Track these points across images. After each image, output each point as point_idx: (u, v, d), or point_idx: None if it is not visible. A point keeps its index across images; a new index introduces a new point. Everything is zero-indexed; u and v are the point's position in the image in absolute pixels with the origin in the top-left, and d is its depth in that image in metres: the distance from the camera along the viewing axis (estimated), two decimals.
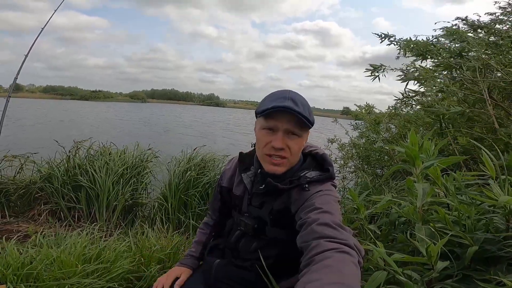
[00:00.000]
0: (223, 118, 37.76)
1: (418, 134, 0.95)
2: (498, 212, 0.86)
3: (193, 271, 1.08)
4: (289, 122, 0.83)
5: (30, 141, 9.01)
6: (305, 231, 0.72)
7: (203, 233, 1.15)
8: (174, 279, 1.03)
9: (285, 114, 0.82)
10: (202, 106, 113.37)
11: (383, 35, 2.21)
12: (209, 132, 18.43)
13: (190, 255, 1.12)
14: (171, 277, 1.03)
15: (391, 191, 2.08)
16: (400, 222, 1.23)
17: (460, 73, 1.91)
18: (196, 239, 1.15)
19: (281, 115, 0.83)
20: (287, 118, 0.83)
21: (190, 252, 1.13)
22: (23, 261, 1.33)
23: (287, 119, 0.83)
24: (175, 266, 1.09)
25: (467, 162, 1.88)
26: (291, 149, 0.85)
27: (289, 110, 0.80)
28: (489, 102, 1.80)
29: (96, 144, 3.45)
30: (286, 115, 0.82)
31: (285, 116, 0.82)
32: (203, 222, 1.18)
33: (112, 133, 12.58)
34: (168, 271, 1.07)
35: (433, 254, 0.67)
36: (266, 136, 0.86)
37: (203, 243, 1.13)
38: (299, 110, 0.81)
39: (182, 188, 2.99)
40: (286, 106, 0.81)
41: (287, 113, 0.81)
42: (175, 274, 1.04)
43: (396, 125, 3.34)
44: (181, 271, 1.06)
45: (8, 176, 3.00)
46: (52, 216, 2.82)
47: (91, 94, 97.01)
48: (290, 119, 0.83)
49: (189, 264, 1.09)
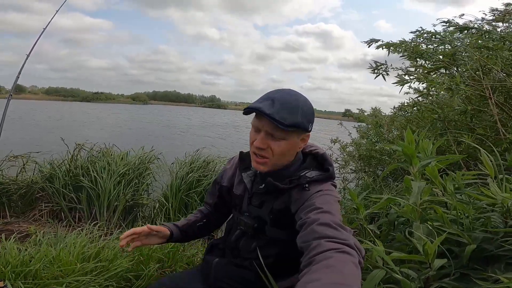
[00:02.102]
0: (232, 119, 37.52)
1: (415, 133, 0.95)
2: (496, 210, 0.85)
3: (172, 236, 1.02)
4: (268, 124, 0.81)
5: (40, 141, 9.07)
6: (305, 231, 0.71)
7: (194, 215, 1.13)
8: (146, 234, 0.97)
9: (263, 116, 0.80)
10: (204, 108, 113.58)
11: (370, 40, 2.25)
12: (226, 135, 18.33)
13: (172, 223, 1.08)
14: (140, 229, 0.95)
15: (391, 191, 2.08)
16: (399, 222, 1.23)
17: (461, 72, 1.90)
18: (186, 217, 1.13)
19: (261, 116, 0.82)
20: (265, 120, 0.81)
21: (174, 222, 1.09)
22: (22, 259, 1.33)
23: (266, 120, 0.81)
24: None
25: (468, 163, 1.88)
26: (273, 151, 0.84)
27: (259, 112, 0.79)
28: (493, 102, 1.79)
29: (98, 146, 3.47)
30: (264, 116, 0.80)
31: (263, 117, 0.81)
32: (198, 209, 1.17)
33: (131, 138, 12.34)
34: None
35: (430, 252, 0.67)
36: (253, 134, 0.86)
37: (191, 221, 1.10)
38: (268, 112, 0.78)
39: (184, 189, 3.00)
40: (256, 107, 0.79)
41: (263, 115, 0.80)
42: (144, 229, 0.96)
43: (397, 127, 3.34)
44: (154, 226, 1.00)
45: (9, 176, 3.01)
46: (53, 217, 2.83)
47: (93, 95, 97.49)
48: (267, 121, 0.80)
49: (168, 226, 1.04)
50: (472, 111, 1.91)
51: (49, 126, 16.08)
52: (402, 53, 2.09)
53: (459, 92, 1.77)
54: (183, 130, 20.16)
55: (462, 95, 1.89)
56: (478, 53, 1.86)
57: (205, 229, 1.14)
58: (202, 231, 1.13)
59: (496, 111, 1.80)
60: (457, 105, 1.73)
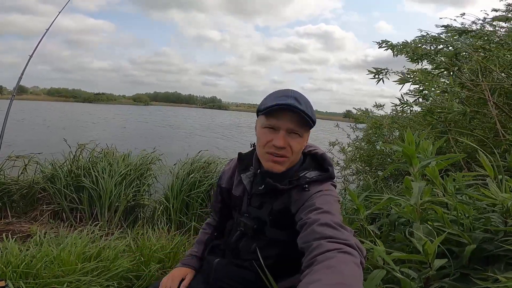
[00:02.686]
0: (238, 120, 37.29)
1: (415, 134, 0.95)
2: (496, 211, 0.85)
3: (196, 272, 1.05)
4: (291, 121, 0.82)
5: (42, 142, 9.09)
6: (306, 231, 0.72)
7: (205, 233, 1.14)
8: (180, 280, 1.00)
9: (288, 113, 0.81)
10: (205, 109, 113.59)
11: (381, 42, 2.27)
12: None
13: (192, 255, 1.10)
14: (176, 278, 1.00)
15: (392, 192, 2.07)
16: (400, 222, 1.23)
17: (460, 74, 1.90)
18: (198, 239, 1.14)
19: (283, 114, 0.82)
20: (289, 117, 0.82)
21: (192, 252, 1.10)
22: (23, 259, 1.34)
23: (289, 117, 0.82)
24: (177, 266, 1.07)
25: (468, 163, 1.87)
26: (293, 148, 0.85)
27: (292, 108, 0.80)
28: (492, 103, 1.79)
29: (99, 146, 3.48)
30: (289, 113, 0.81)
31: (287, 115, 0.82)
32: (205, 223, 1.17)
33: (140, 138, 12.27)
34: (171, 272, 1.03)
35: (430, 251, 0.67)
36: (268, 135, 0.85)
37: (204, 243, 1.11)
38: (302, 109, 0.80)
39: (185, 189, 3.01)
40: (290, 104, 0.80)
41: (290, 111, 0.81)
42: (180, 275, 1.01)
43: (397, 128, 3.34)
44: (186, 271, 1.03)
45: (11, 176, 3.02)
46: (54, 217, 2.83)
47: (94, 96, 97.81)
48: (292, 117, 0.82)
49: (192, 265, 1.06)
50: (471, 113, 1.91)
51: (52, 126, 16.11)
52: (405, 54, 2.10)
53: (455, 95, 1.78)
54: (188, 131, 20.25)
55: (459, 97, 1.89)
56: (477, 54, 1.86)
57: (218, 239, 1.13)
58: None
59: (496, 112, 1.79)
60: (456, 108, 1.73)
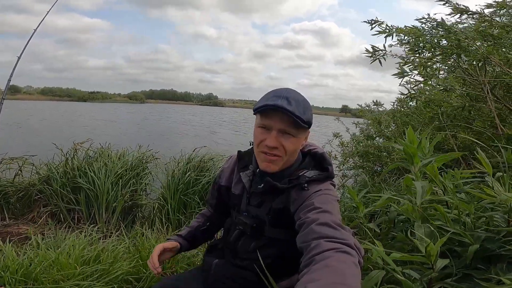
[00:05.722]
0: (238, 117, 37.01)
1: (416, 131, 0.94)
2: (498, 209, 0.85)
3: (181, 247, 1.06)
4: (282, 122, 0.82)
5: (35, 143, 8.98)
6: (305, 231, 0.71)
7: (197, 221, 1.14)
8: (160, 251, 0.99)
9: (278, 113, 0.81)
10: (201, 106, 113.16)
11: (373, 21, 2.11)
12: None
13: (175, 234, 1.11)
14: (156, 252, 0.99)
15: (390, 188, 2.08)
16: (399, 220, 1.23)
17: (459, 64, 1.86)
18: (188, 225, 1.15)
19: (274, 114, 0.82)
20: (280, 117, 0.81)
21: (177, 232, 1.12)
22: (21, 263, 1.32)
23: (280, 118, 0.81)
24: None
25: (466, 158, 1.87)
26: (286, 148, 0.84)
27: (280, 109, 0.79)
28: (490, 98, 1.78)
29: (94, 146, 3.44)
30: (279, 114, 0.81)
31: (278, 115, 0.81)
32: (200, 213, 1.18)
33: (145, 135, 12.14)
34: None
35: (433, 253, 0.66)
36: (261, 134, 0.85)
37: (193, 227, 1.12)
38: (290, 109, 0.79)
39: (182, 188, 2.99)
40: (277, 104, 0.79)
41: (280, 112, 0.80)
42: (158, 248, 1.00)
43: (395, 123, 3.34)
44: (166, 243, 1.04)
45: (7, 179, 2.98)
46: (51, 218, 2.81)
47: (89, 95, 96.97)
48: (283, 118, 0.81)
49: (173, 239, 1.07)
50: (470, 106, 1.90)
51: (43, 127, 15.88)
52: (403, 38, 2.00)
53: (455, 91, 1.76)
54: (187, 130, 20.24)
55: (461, 92, 1.88)
56: (479, 42, 1.80)
57: (209, 232, 1.15)
58: (206, 235, 1.14)
59: (495, 106, 1.78)
60: (455, 102, 1.72)
